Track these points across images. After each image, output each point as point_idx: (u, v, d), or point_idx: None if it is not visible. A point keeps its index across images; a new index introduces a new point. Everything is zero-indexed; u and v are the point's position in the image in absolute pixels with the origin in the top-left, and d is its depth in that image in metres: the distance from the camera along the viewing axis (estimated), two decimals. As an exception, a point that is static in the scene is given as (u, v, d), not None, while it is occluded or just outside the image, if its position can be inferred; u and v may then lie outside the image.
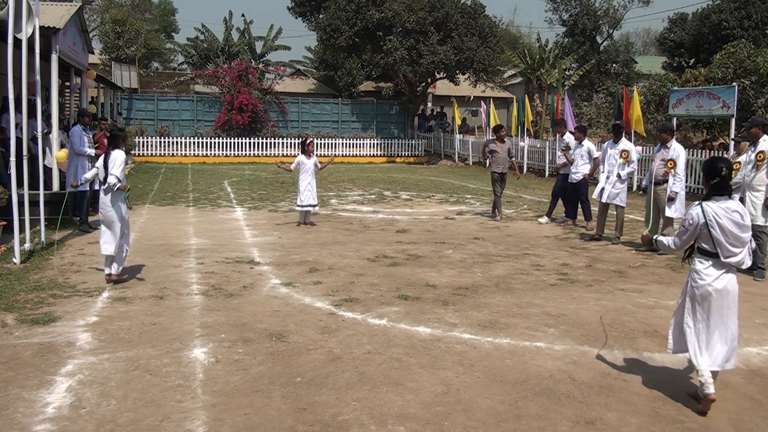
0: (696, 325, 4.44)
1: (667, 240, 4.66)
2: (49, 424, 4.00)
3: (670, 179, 9.45)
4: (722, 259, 4.33)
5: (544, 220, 12.36)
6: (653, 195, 9.54)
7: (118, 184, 7.27)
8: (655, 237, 4.86)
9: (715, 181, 4.38)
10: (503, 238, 10.66)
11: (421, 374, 4.86)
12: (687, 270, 4.55)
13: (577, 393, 4.60)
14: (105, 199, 7.32)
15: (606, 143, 10.96)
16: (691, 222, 4.39)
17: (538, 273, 8.21)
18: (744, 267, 4.42)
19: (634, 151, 10.50)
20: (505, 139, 12.99)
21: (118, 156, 7.32)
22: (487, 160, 14.21)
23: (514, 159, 13.03)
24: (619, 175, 10.36)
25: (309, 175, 11.44)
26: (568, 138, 12.50)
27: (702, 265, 4.43)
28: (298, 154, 11.75)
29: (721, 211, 4.31)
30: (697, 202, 4.46)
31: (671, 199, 9.44)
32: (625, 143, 10.55)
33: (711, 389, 4.27)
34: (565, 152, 12.20)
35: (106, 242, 7.27)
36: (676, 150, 9.54)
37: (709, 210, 4.33)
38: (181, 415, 4.14)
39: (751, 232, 4.37)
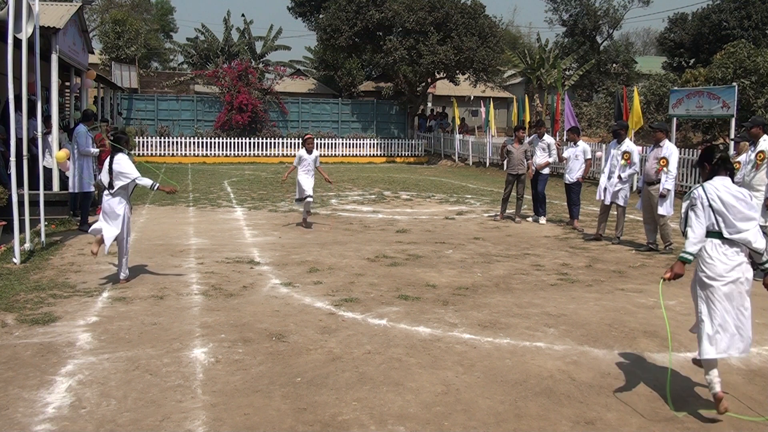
0: (710, 312, 4.31)
1: (690, 239, 4.35)
2: (49, 424, 4.00)
3: (662, 177, 9.47)
4: (726, 235, 4.28)
5: (542, 220, 12.39)
6: (647, 195, 9.57)
7: (155, 184, 7.33)
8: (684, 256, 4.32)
9: (715, 162, 4.46)
10: (503, 238, 10.66)
11: (421, 374, 4.86)
12: (686, 269, 4.51)
13: (577, 393, 4.60)
14: (112, 201, 7.28)
15: (610, 143, 11.01)
16: (699, 200, 4.34)
17: (538, 273, 8.21)
18: (756, 246, 4.26)
19: (636, 152, 10.53)
20: (524, 140, 12.71)
21: (124, 159, 7.25)
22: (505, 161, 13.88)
23: (530, 161, 12.30)
24: (620, 176, 10.38)
25: (309, 170, 11.42)
26: (549, 139, 12.60)
27: (708, 248, 4.35)
28: (300, 149, 11.75)
29: (722, 187, 4.36)
30: (696, 185, 4.49)
31: (663, 196, 9.46)
32: (627, 144, 10.56)
33: (717, 387, 4.25)
34: (559, 148, 12.33)
35: (108, 231, 7.22)
36: (669, 149, 9.58)
37: (709, 187, 4.38)
38: (181, 415, 4.14)
39: (759, 213, 4.33)
